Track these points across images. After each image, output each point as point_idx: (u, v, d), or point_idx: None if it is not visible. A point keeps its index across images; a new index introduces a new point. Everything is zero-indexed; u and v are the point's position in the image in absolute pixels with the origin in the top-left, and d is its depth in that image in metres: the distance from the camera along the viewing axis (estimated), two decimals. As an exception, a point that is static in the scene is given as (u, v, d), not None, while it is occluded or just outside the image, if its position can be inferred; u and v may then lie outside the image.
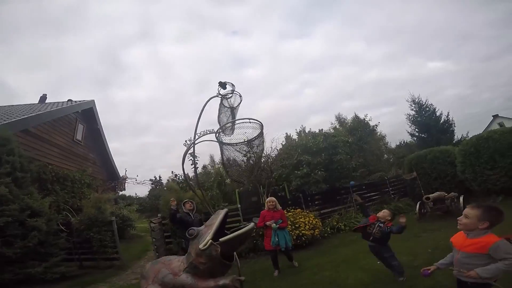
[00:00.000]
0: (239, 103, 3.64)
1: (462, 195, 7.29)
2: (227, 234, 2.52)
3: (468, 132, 19.63)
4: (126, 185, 15.32)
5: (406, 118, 21.28)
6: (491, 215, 1.96)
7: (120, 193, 17.00)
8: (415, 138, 21.03)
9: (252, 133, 3.33)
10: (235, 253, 3.00)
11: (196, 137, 3.12)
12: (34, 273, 5.08)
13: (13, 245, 5.04)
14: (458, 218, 2.11)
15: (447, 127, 19.85)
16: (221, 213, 2.46)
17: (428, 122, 19.82)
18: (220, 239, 2.25)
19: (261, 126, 3.36)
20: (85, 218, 7.01)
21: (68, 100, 12.54)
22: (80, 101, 12.43)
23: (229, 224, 7.71)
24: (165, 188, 7.84)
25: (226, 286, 2.26)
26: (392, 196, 10.85)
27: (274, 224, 5.06)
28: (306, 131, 23.17)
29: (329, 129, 23.52)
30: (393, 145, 24.19)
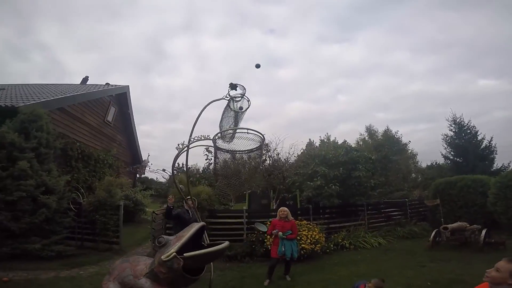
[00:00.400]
0: (246, 109, 3.44)
1: (486, 229, 6.67)
2: (203, 247, 2.41)
3: (510, 162, 17.79)
4: (145, 170, 15.85)
5: (443, 139, 19.80)
6: None
7: (143, 175, 17.72)
8: (449, 162, 19.54)
9: (252, 145, 3.13)
10: (211, 266, 2.88)
11: (191, 141, 2.97)
12: (31, 249, 5.18)
13: (20, 220, 5.21)
14: (487, 270, 1.87)
15: (487, 154, 18.12)
16: (195, 227, 2.35)
17: (467, 146, 18.21)
18: (184, 254, 2.15)
19: (262, 139, 3.15)
20: (95, 200, 7.11)
21: (106, 83, 13.18)
22: (116, 85, 13.05)
23: (232, 225, 7.73)
24: (177, 180, 7.81)
25: None
26: (410, 219, 10.18)
27: (281, 233, 5.07)
28: (331, 140, 22.37)
29: (358, 140, 22.71)
30: (424, 165, 22.73)
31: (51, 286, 4.12)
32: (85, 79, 14.15)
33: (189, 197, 5.54)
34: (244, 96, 3.38)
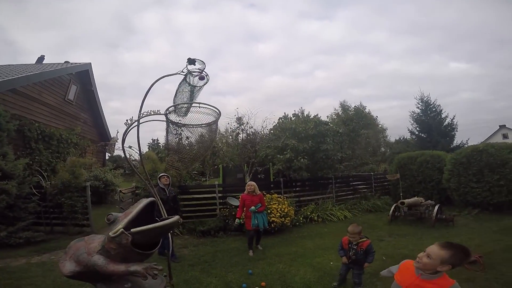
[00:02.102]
0: (204, 85, 3.34)
1: (438, 205, 7.19)
2: (156, 222, 2.39)
3: (469, 139, 19.31)
4: (115, 147, 15.31)
5: (410, 116, 20.89)
6: (457, 259, 1.73)
7: (114, 154, 17.21)
8: (414, 137, 20.71)
9: (208, 119, 3.05)
10: (170, 240, 2.91)
11: (140, 116, 2.84)
12: None
13: None
14: (418, 255, 1.82)
15: (448, 131, 19.45)
16: (142, 202, 2.32)
17: (431, 123, 19.39)
18: (131, 229, 2.13)
19: (218, 115, 3.09)
20: (59, 183, 6.85)
21: (65, 62, 12.89)
22: (76, 63, 12.69)
23: (205, 200, 7.81)
24: (131, 157, 7.56)
25: (137, 272, 2.16)
26: (374, 193, 10.80)
27: (253, 207, 5.44)
28: (305, 114, 22.75)
29: (331, 115, 23.21)
30: (393, 139, 23.92)
31: (22, 272, 4.08)
32: (41, 58, 13.62)
33: (162, 173, 5.52)
34: (203, 71, 3.27)
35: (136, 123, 2.81)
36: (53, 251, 5.40)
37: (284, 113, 19.67)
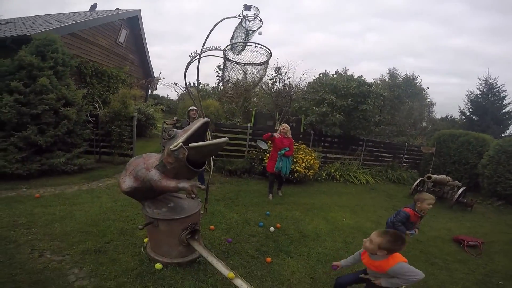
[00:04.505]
0: (258, 28, 3.42)
1: (464, 188, 6.99)
2: None
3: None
4: (157, 85, 16.22)
5: (466, 95, 19.20)
6: (392, 245, 2.01)
7: (154, 92, 18.32)
8: (464, 118, 19.17)
9: (260, 58, 3.23)
10: (211, 163, 3.19)
11: (203, 50, 3.03)
12: (56, 164, 5.66)
13: (45, 133, 5.57)
14: (364, 240, 2.18)
15: (505, 119, 17.80)
16: (200, 121, 2.52)
17: (488, 107, 17.76)
18: (189, 144, 2.36)
19: (270, 55, 3.23)
20: (110, 112, 7.31)
21: (116, 8, 13.97)
22: (126, 10, 13.75)
23: (236, 141, 8.09)
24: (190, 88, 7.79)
25: (184, 189, 2.47)
26: (403, 164, 10.59)
27: (282, 151, 5.50)
28: (348, 74, 21.49)
29: (376, 80, 21.78)
30: (438, 116, 22.33)
31: (75, 198, 4.60)
32: (94, 6, 14.68)
33: (192, 107, 5.48)
34: (257, 17, 3.39)
35: (198, 57, 2.98)
36: (101, 179, 5.98)
37: (325, 70, 18.85)
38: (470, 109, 18.89)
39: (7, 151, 5.20)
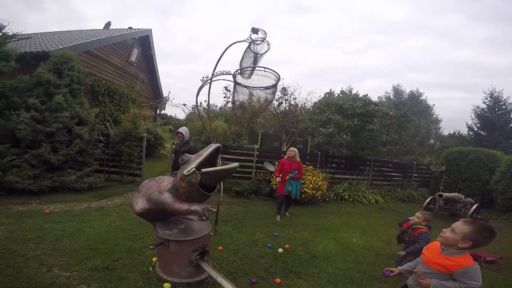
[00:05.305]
0: (265, 52, 3.59)
1: (477, 204, 6.87)
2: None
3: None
4: (166, 105, 16.60)
5: (472, 110, 19.09)
6: (480, 236, 1.71)
7: (163, 112, 18.63)
8: (472, 133, 18.97)
9: (269, 82, 3.37)
10: (221, 186, 3.24)
11: (214, 74, 3.18)
12: (67, 181, 5.81)
13: (57, 152, 5.76)
14: (442, 230, 1.86)
15: (515, 133, 17.59)
16: (212, 147, 2.61)
17: (496, 121, 17.59)
18: (202, 170, 2.44)
19: (278, 79, 3.37)
20: (121, 131, 7.49)
21: (129, 27, 14.14)
22: (138, 29, 14.01)
23: (243, 162, 8.12)
24: (200, 109, 7.94)
25: (196, 212, 2.53)
26: (413, 183, 10.45)
27: (290, 174, 5.64)
28: (353, 92, 21.77)
29: (382, 97, 21.98)
30: (446, 132, 22.21)
31: (84, 215, 4.68)
32: (108, 24, 15.04)
33: (179, 130, 5.64)
34: (265, 40, 3.54)
35: (209, 81, 3.12)
36: (110, 197, 6.06)
37: (330, 89, 19.18)
38: (478, 124, 18.69)
39: (20, 167, 5.34)
